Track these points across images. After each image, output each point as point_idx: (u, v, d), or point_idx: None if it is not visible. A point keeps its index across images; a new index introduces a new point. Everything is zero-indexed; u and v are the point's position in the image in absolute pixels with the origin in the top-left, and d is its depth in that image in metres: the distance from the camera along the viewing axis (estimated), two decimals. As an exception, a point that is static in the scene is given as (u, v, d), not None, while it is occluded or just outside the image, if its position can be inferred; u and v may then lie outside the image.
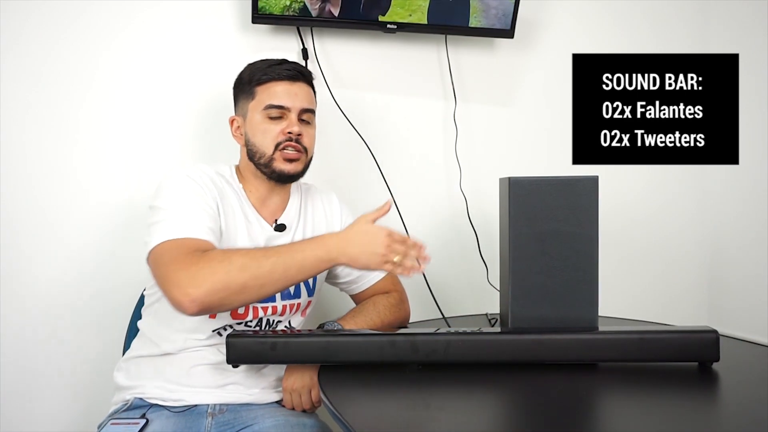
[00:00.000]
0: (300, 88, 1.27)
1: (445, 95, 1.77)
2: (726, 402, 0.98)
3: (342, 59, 1.68)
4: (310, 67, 1.63)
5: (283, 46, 1.63)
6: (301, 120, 1.26)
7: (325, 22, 1.59)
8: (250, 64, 1.29)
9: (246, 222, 1.24)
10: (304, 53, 1.63)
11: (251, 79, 1.27)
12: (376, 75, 1.72)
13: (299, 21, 1.59)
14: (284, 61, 1.28)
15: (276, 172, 1.24)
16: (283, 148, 1.23)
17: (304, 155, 1.26)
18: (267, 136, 1.24)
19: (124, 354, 1.30)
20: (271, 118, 1.24)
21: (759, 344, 1.23)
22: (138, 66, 1.54)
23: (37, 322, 1.48)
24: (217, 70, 1.55)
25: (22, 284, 1.47)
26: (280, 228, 1.27)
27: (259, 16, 1.53)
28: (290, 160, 1.24)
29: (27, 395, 1.48)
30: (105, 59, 1.52)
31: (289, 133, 1.23)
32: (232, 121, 1.31)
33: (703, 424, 0.88)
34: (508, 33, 1.69)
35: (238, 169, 1.31)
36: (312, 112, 1.29)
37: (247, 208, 1.26)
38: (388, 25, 1.61)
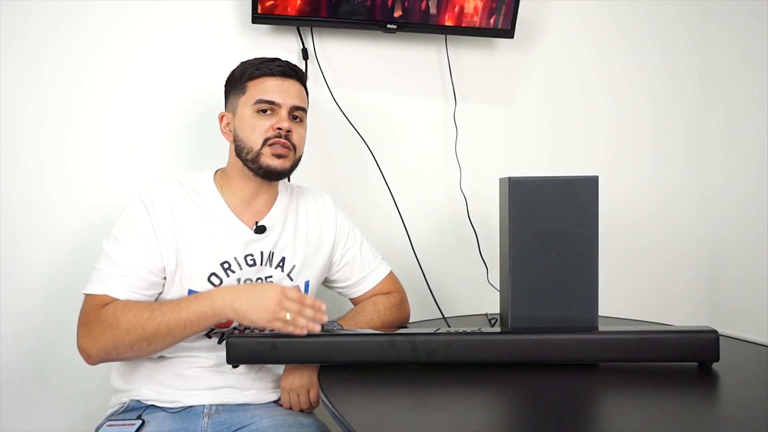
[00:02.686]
0: (292, 85, 1.25)
1: (445, 95, 1.77)
2: (726, 402, 0.98)
3: (342, 59, 1.68)
4: (310, 68, 1.63)
5: (283, 47, 1.63)
6: (292, 117, 1.25)
7: (325, 22, 1.59)
8: (243, 62, 1.28)
9: (225, 227, 1.22)
10: (304, 53, 1.63)
11: (243, 75, 1.25)
12: (376, 75, 1.72)
13: (299, 21, 1.59)
14: (277, 59, 1.27)
15: (263, 167, 1.21)
16: (272, 144, 1.21)
17: (292, 152, 1.23)
18: (256, 130, 1.22)
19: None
20: (261, 113, 1.22)
21: (759, 344, 1.23)
22: (138, 66, 1.54)
23: (35, 324, 1.48)
24: (217, 70, 1.54)
25: (20, 285, 1.47)
26: (260, 230, 1.24)
27: (259, 16, 1.53)
28: (278, 156, 1.21)
29: (25, 398, 1.48)
30: (105, 59, 1.52)
31: (279, 128, 1.21)
32: (221, 118, 1.30)
33: (703, 424, 0.88)
34: (508, 33, 1.69)
35: (222, 173, 1.29)
36: (303, 110, 1.27)
37: (226, 213, 1.23)
38: (388, 25, 1.61)
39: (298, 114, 1.26)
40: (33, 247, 1.48)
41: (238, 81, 1.26)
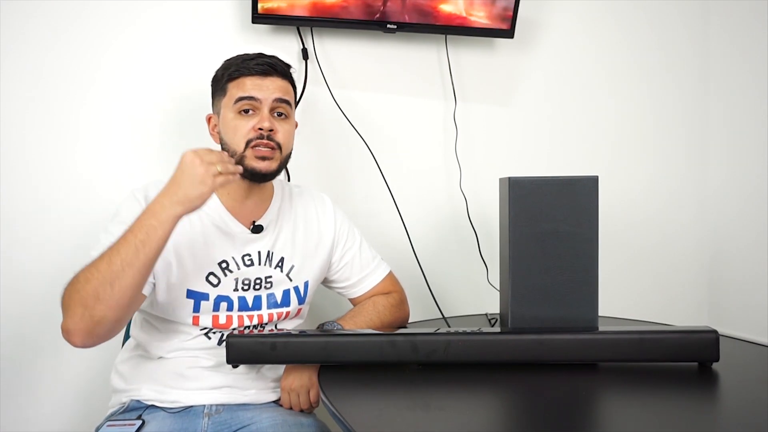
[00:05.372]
0: (272, 82, 1.21)
1: (445, 95, 1.77)
2: (726, 402, 0.98)
3: (342, 59, 1.68)
4: (310, 68, 1.63)
5: (283, 46, 1.62)
6: (276, 114, 1.22)
7: (325, 22, 1.59)
8: (225, 60, 1.26)
9: (222, 227, 1.22)
10: (304, 53, 1.63)
11: (223, 75, 1.24)
12: (376, 75, 1.72)
13: (299, 21, 1.59)
14: (260, 56, 1.24)
15: (248, 170, 1.18)
16: (254, 146, 1.18)
17: (278, 152, 1.20)
18: (238, 133, 1.19)
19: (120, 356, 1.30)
20: (243, 114, 1.20)
21: (759, 344, 1.23)
22: (138, 66, 1.54)
23: (34, 324, 1.48)
24: (217, 70, 1.55)
25: (20, 285, 1.47)
26: (258, 230, 1.23)
27: (259, 16, 1.53)
28: (263, 158, 1.18)
29: (26, 398, 1.48)
30: (105, 59, 1.52)
31: (260, 129, 1.18)
32: (209, 120, 1.29)
33: (703, 424, 0.88)
34: (508, 33, 1.69)
35: None
36: (287, 103, 1.23)
37: (222, 213, 1.23)
38: (388, 25, 1.61)
39: (282, 109, 1.22)
40: (33, 247, 1.48)
41: (219, 82, 1.25)
